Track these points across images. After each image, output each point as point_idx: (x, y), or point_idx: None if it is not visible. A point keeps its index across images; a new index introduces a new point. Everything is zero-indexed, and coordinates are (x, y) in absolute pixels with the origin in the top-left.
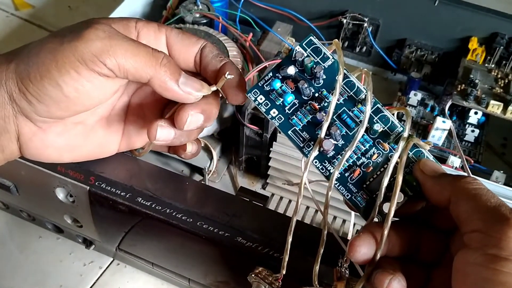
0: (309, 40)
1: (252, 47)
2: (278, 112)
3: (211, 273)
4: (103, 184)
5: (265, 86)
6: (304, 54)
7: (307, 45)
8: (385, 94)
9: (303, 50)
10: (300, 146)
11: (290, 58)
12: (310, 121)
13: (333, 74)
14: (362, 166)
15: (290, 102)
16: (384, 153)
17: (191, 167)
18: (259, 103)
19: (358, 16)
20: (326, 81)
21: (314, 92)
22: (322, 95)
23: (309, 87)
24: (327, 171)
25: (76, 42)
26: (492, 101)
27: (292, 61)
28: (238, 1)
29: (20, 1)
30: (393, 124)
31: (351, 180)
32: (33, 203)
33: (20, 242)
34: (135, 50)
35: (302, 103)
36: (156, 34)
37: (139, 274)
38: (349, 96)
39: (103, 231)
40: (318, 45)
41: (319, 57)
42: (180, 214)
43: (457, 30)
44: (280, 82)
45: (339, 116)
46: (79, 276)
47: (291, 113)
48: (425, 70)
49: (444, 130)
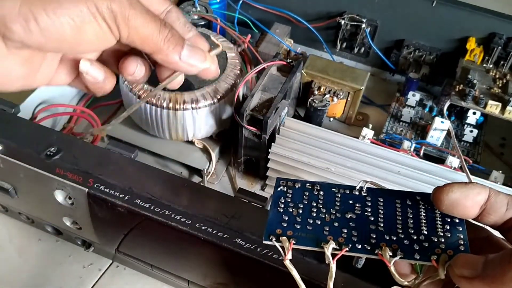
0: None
1: (250, 49)
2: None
3: (210, 275)
4: (102, 186)
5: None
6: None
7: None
8: (384, 95)
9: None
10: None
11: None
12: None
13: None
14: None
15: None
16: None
17: (190, 168)
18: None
19: (356, 17)
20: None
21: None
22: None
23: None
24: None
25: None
26: (490, 101)
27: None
28: (236, 2)
29: None
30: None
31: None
32: (32, 205)
33: (19, 244)
34: (147, 24)
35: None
36: None
37: (138, 276)
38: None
39: (102, 233)
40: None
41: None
42: (179, 216)
43: (455, 30)
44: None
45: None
46: (79, 279)
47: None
48: (423, 71)
49: (442, 131)
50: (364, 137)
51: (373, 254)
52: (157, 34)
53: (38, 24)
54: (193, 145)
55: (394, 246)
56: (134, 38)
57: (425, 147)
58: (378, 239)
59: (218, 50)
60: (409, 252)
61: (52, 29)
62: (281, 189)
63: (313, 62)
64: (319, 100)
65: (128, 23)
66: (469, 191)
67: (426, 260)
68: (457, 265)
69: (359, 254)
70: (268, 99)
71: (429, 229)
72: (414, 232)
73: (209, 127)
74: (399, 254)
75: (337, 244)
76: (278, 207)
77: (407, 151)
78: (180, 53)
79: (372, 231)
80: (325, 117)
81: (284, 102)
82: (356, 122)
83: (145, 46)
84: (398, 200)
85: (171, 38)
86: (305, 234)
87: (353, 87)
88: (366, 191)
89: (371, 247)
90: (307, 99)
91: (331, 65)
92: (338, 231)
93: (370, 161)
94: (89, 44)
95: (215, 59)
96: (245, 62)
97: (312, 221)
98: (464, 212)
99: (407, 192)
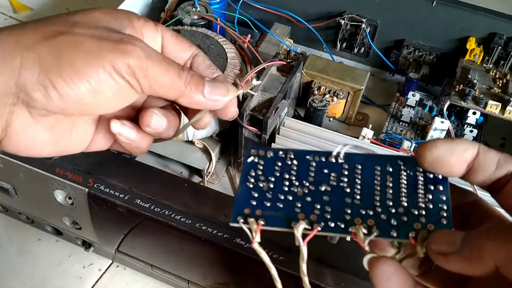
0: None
1: (250, 49)
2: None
3: (210, 275)
4: (102, 186)
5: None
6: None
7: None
8: (383, 94)
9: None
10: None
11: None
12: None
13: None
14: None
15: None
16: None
17: (190, 168)
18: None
19: (356, 17)
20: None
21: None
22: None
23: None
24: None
25: (117, 54)
26: (490, 101)
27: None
28: (236, 2)
29: (19, 3)
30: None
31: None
32: (32, 205)
33: (19, 244)
34: (166, 73)
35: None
36: (154, 33)
37: (138, 276)
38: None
39: (102, 233)
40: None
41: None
42: (179, 215)
43: (455, 30)
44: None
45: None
46: (79, 279)
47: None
48: (423, 71)
49: (442, 131)
50: (364, 137)
51: (347, 233)
52: (178, 79)
53: (57, 91)
54: (193, 145)
55: (370, 222)
56: (156, 88)
57: None
58: (353, 214)
59: (240, 91)
60: (385, 229)
61: (71, 94)
62: (251, 160)
63: (313, 62)
64: (319, 100)
65: (147, 75)
66: (455, 147)
67: (403, 238)
68: (435, 241)
69: (332, 233)
70: (268, 99)
71: (410, 199)
72: (393, 204)
73: (209, 127)
74: (374, 232)
75: (308, 223)
76: (247, 182)
77: (407, 151)
78: (203, 92)
79: (347, 205)
80: (325, 117)
81: (284, 102)
82: (356, 122)
83: (168, 93)
84: (378, 166)
85: (191, 79)
86: (275, 212)
87: (353, 87)
88: (344, 158)
89: (345, 224)
90: (307, 99)
91: (331, 65)
92: (311, 207)
93: None
94: (110, 103)
95: (234, 100)
96: (245, 62)
97: (284, 197)
98: (449, 169)
99: (388, 156)
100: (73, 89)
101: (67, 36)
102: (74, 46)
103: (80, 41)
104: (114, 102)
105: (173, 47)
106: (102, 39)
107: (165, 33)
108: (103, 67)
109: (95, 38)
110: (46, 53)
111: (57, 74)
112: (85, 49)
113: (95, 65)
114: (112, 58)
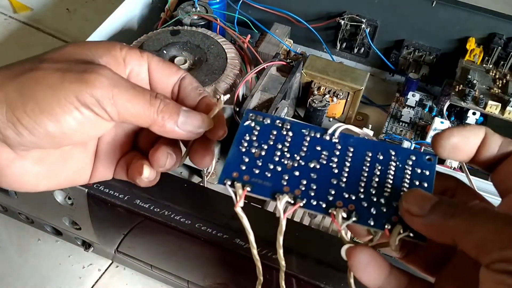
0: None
1: (250, 49)
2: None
3: (210, 275)
4: (101, 187)
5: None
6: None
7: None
8: (383, 95)
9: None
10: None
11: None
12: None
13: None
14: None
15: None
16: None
17: (189, 168)
18: None
19: (356, 17)
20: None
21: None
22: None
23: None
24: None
25: (80, 85)
26: (490, 102)
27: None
28: (236, 3)
29: (19, 3)
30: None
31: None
32: (31, 205)
33: (19, 245)
34: (135, 100)
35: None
36: (139, 61)
37: (138, 276)
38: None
39: (101, 234)
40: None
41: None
42: (179, 216)
43: (454, 30)
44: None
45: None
46: (78, 279)
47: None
48: (423, 71)
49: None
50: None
51: (327, 214)
52: (148, 107)
53: (25, 126)
54: None
55: (351, 206)
56: (126, 116)
57: (424, 147)
58: (337, 196)
59: (215, 111)
60: (364, 216)
61: (38, 129)
62: (248, 124)
63: (313, 62)
64: (319, 100)
65: (115, 103)
66: (469, 133)
67: (379, 228)
68: (407, 199)
69: (313, 211)
70: (268, 99)
71: (393, 191)
72: (376, 192)
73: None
74: (353, 217)
75: (292, 197)
76: (240, 146)
77: None
78: (176, 122)
79: (332, 186)
80: (325, 117)
81: (284, 102)
82: (356, 122)
83: (139, 120)
84: (370, 152)
85: (164, 108)
86: (262, 181)
87: (353, 87)
88: (338, 137)
89: (326, 204)
90: (307, 99)
91: (331, 65)
92: (297, 182)
93: None
94: (81, 133)
95: (222, 119)
96: (245, 62)
97: (273, 167)
98: (464, 155)
99: (381, 144)
100: (38, 124)
101: (32, 72)
102: (37, 81)
103: (43, 76)
104: (86, 132)
105: (160, 73)
106: (65, 71)
107: (151, 60)
108: (65, 98)
109: (59, 71)
110: (12, 91)
111: (22, 110)
112: (47, 82)
113: (57, 97)
114: (75, 89)
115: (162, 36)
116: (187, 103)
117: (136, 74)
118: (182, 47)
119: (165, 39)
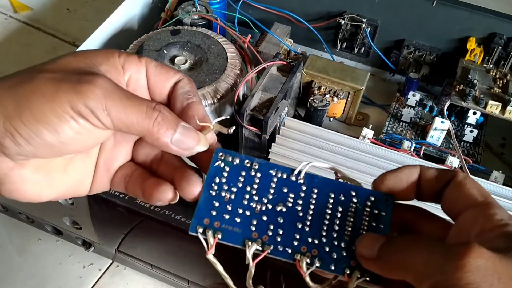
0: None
1: (250, 49)
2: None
3: (210, 275)
4: None
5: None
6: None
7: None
8: (384, 94)
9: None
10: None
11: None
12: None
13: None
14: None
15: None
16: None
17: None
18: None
19: (356, 17)
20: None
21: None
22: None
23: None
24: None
25: (74, 95)
26: (490, 101)
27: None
28: (237, 2)
29: (19, 3)
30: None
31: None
32: (32, 205)
33: (19, 244)
34: (129, 110)
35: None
36: (138, 66)
37: (138, 276)
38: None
39: (102, 233)
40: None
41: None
42: (179, 215)
43: (455, 30)
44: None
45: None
46: (79, 279)
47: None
48: (424, 71)
49: (442, 131)
50: (364, 137)
51: (292, 260)
52: (144, 118)
53: (22, 136)
54: None
55: (314, 251)
56: (120, 126)
57: (425, 147)
58: (301, 241)
59: (209, 133)
60: (326, 261)
61: (35, 138)
62: (218, 165)
63: (313, 62)
64: (319, 100)
65: (109, 114)
66: (401, 174)
67: (339, 273)
68: (361, 243)
69: (280, 257)
70: (268, 99)
71: (353, 234)
72: (337, 236)
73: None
74: (316, 263)
75: (260, 244)
76: (211, 190)
77: (407, 151)
78: (171, 137)
79: (297, 230)
80: (325, 117)
81: (284, 102)
82: (356, 122)
83: (133, 131)
84: (332, 194)
85: (161, 121)
86: (232, 227)
87: (353, 87)
88: (303, 178)
89: (292, 250)
90: (307, 99)
91: (331, 65)
92: (265, 227)
93: (370, 161)
94: (79, 142)
95: (213, 137)
96: (245, 62)
97: (242, 211)
98: (404, 195)
99: (343, 185)
100: (35, 133)
101: (28, 83)
102: (33, 91)
103: (38, 86)
104: (84, 141)
105: (158, 78)
106: (61, 81)
107: (149, 65)
108: (60, 108)
109: (54, 81)
110: (8, 101)
111: (18, 120)
112: (43, 92)
113: (53, 107)
114: (69, 99)
115: (163, 36)
116: (175, 106)
117: (135, 80)
118: (183, 47)
119: (165, 39)
